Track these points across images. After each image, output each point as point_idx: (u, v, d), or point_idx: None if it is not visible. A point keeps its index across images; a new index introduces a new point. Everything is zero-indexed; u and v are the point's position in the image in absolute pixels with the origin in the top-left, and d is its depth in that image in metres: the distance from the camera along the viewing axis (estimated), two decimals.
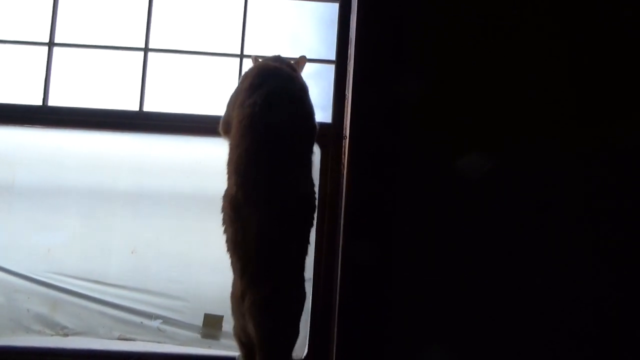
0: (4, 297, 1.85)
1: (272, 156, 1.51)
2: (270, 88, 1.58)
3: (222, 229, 1.54)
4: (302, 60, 1.79)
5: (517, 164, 1.73)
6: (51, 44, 1.92)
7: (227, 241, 1.53)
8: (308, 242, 1.55)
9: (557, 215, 1.72)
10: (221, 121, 1.68)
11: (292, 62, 1.77)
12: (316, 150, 1.84)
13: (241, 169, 1.49)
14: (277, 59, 1.75)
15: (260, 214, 1.47)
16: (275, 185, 1.49)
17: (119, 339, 1.84)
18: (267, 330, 1.45)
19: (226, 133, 1.64)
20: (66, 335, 1.83)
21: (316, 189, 1.73)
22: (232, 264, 1.52)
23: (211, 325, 1.82)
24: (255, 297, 1.45)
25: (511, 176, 1.72)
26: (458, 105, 1.73)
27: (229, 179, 1.54)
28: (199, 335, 1.83)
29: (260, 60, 1.76)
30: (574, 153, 1.74)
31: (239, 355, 1.64)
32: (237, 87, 1.69)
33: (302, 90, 1.67)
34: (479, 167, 1.69)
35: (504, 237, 1.71)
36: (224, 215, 1.54)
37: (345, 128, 1.81)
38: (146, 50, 1.92)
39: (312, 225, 1.56)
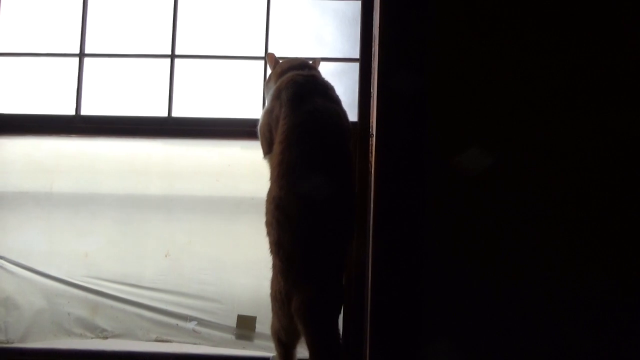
0: (46, 301, 1.92)
1: (318, 160, 1.56)
2: (312, 102, 1.61)
3: (266, 231, 1.57)
4: (318, 61, 1.83)
5: (550, 159, 1.68)
6: (82, 55, 1.98)
7: (271, 243, 1.56)
8: (350, 242, 1.59)
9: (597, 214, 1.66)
10: (265, 150, 1.69)
11: (310, 62, 1.80)
12: None
13: (288, 173, 1.53)
14: (304, 64, 1.76)
15: (309, 216, 1.50)
16: (320, 188, 1.52)
17: (156, 340, 1.88)
18: (319, 329, 1.50)
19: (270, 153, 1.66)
20: (106, 337, 1.89)
21: None
22: (275, 265, 1.55)
23: (244, 326, 1.85)
24: (303, 298, 1.48)
25: (542, 171, 1.68)
26: (485, 100, 1.70)
27: (273, 182, 1.57)
28: (232, 337, 1.86)
29: (280, 61, 1.78)
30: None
31: (273, 356, 1.66)
32: (271, 103, 1.69)
33: (332, 90, 1.72)
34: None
35: (539, 233, 1.66)
36: (269, 218, 1.57)
37: (372, 126, 1.79)
38: (173, 56, 1.96)
39: (354, 225, 1.59)
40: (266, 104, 1.72)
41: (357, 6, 1.91)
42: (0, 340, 1.89)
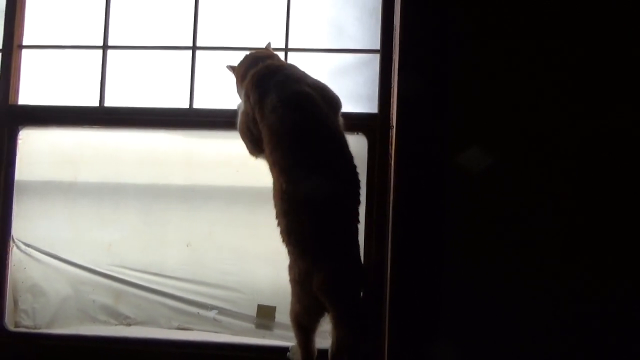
0: (72, 289, 1.97)
1: (307, 141, 1.58)
2: (278, 95, 1.61)
3: (276, 222, 1.59)
4: (268, 46, 1.83)
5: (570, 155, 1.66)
6: (105, 47, 2.00)
7: (281, 232, 1.59)
8: (357, 218, 1.60)
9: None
10: (249, 148, 1.71)
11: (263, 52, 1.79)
12: (361, 140, 1.85)
13: (286, 166, 1.56)
14: (257, 59, 1.74)
15: (312, 200, 1.53)
16: (321, 172, 1.55)
17: (178, 328, 1.92)
18: (344, 300, 1.54)
19: (261, 152, 1.67)
20: (129, 324, 1.94)
21: (363, 178, 1.74)
22: (289, 251, 1.58)
23: (264, 315, 1.87)
24: (325, 273, 1.51)
25: (565, 168, 1.65)
26: (505, 93, 1.67)
27: (276, 179, 1.59)
28: (252, 326, 1.89)
29: (236, 65, 1.79)
30: None
31: (292, 346, 1.68)
32: (245, 106, 1.70)
33: (293, 69, 1.72)
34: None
35: (561, 227, 1.64)
36: (276, 211, 1.59)
37: (392, 118, 1.79)
38: (194, 48, 1.97)
39: (359, 201, 1.60)
40: (240, 107, 1.73)
41: None
42: (28, 326, 1.95)
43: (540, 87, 1.67)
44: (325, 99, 1.66)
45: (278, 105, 1.59)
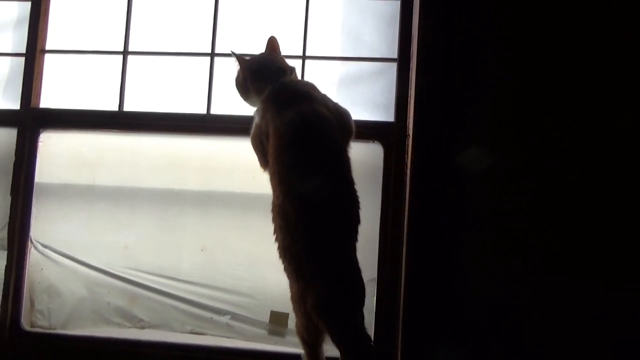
0: (87, 290, 1.99)
1: (310, 161, 1.57)
2: (294, 112, 1.59)
3: (274, 237, 1.59)
4: (272, 40, 1.78)
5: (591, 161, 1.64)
6: (125, 53, 2.03)
7: (278, 248, 1.59)
8: (356, 238, 1.57)
9: None
10: (260, 161, 1.70)
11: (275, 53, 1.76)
12: (377, 148, 1.85)
13: (285, 178, 1.55)
14: (278, 72, 1.71)
15: (305, 217, 1.52)
16: (317, 189, 1.53)
17: (191, 332, 1.93)
18: (338, 324, 1.51)
19: (267, 165, 1.65)
20: (143, 327, 1.95)
21: (378, 186, 1.78)
22: (285, 268, 1.58)
23: (277, 322, 1.87)
24: (316, 296, 1.49)
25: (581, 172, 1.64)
26: (524, 102, 1.67)
27: (274, 191, 1.59)
28: (265, 332, 1.89)
29: (252, 68, 1.74)
30: None
31: (304, 353, 1.68)
32: (259, 119, 1.68)
33: (314, 90, 1.68)
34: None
35: (576, 234, 1.63)
36: (274, 225, 1.60)
37: (408, 126, 1.79)
38: (212, 55, 1.99)
39: (358, 221, 1.58)
40: (255, 119, 1.71)
41: (396, 6, 1.91)
42: (44, 326, 1.97)
43: (562, 92, 1.66)
44: (340, 123, 1.65)
45: (288, 122, 1.58)
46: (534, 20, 1.68)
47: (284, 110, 1.61)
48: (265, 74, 1.71)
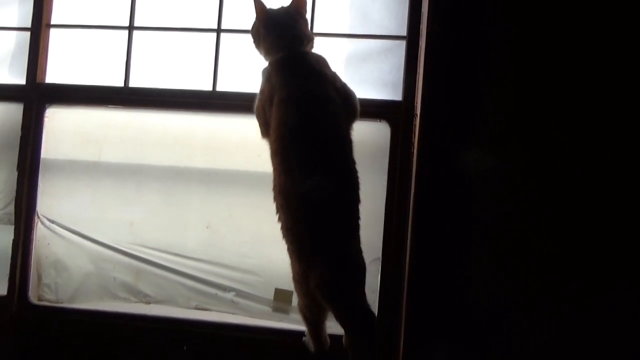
0: (94, 266, 2.01)
1: (312, 142, 1.56)
2: (301, 88, 1.59)
3: (277, 217, 1.60)
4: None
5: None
6: (131, 28, 2.01)
7: (281, 228, 1.59)
8: (357, 217, 1.58)
9: None
10: (261, 130, 1.68)
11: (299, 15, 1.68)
12: (385, 127, 1.83)
13: (286, 157, 1.55)
14: (294, 40, 1.64)
15: (306, 197, 1.52)
16: (317, 168, 1.54)
17: (196, 308, 1.95)
18: (341, 302, 1.53)
19: (268, 135, 1.65)
20: (148, 303, 1.97)
21: (384, 166, 1.78)
22: (288, 249, 1.59)
23: (281, 299, 1.88)
24: (319, 275, 1.51)
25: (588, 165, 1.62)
26: (535, 84, 1.64)
27: (274, 170, 1.59)
28: (269, 309, 1.90)
29: (269, 26, 1.66)
30: None
31: (307, 332, 1.69)
32: (264, 84, 1.66)
33: (325, 67, 1.65)
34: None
35: (583, 224, 1.61)
36: (276, 205, 1.60)
37: (417, 106, 1.77)
38: (219, 31, 1.97)
39: (358, 200, 1.59)
40: (260, 83, 1.68)
41: None
42: (51, 300, 2.00)
43: (575, 80, 1.63)
44: (346, 104, 1.63)
45: (293, 98, 1.57)
46: (540, 10, 1.64)
47: (291, 83, 1.60)
48: (279, 37, 1.66)
